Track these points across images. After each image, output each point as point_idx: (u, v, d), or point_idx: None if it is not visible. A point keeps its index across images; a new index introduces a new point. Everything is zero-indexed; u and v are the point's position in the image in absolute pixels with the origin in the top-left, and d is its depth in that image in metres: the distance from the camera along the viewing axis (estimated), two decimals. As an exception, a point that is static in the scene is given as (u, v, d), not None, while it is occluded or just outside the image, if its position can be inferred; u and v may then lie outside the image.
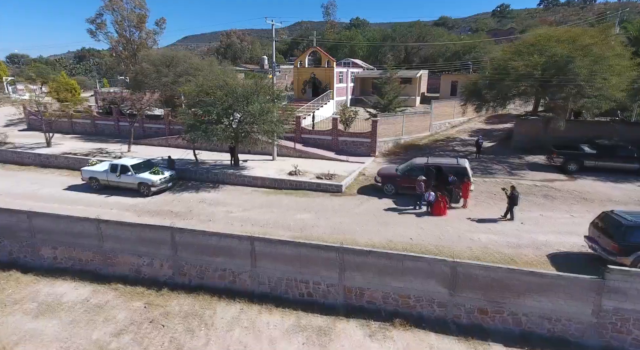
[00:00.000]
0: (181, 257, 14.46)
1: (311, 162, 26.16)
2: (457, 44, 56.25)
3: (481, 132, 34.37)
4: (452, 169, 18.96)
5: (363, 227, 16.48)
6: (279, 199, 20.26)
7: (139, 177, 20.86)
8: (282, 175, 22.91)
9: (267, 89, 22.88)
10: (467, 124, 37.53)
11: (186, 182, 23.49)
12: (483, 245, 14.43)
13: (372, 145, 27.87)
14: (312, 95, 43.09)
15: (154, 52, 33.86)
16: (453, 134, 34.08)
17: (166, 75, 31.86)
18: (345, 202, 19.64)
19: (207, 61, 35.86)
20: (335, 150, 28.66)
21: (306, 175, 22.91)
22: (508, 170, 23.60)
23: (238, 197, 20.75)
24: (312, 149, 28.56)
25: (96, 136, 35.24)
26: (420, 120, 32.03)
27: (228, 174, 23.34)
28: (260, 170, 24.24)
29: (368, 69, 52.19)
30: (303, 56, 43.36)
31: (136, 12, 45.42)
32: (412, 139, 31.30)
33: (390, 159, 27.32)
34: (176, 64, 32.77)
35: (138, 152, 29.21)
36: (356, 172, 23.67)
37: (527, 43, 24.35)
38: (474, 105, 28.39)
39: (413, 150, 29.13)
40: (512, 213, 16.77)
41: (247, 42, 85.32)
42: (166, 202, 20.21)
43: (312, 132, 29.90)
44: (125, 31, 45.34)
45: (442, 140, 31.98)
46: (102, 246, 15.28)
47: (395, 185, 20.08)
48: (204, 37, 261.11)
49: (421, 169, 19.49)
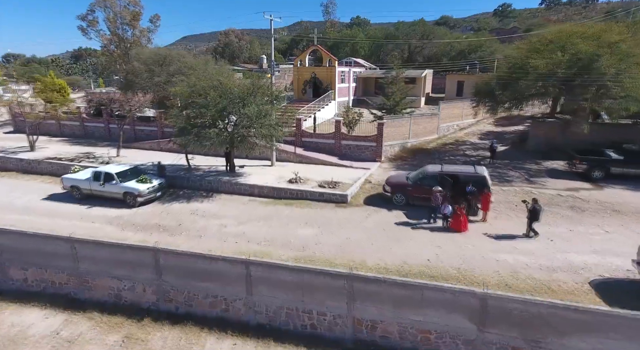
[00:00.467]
0: (166, 281, 12.69)
1: (313, 168, 24.36)
2: (462, 43, 54.50)
3: (492, 135, 32.58)
4: (470, 178, 17.16)
5: (373, 245, 14.68)
6: (278, 211, 18.47)
7: (124, 186, 19.04)
8: (281, 184, 21.12)
9: (265, 89, 21.09)
10: (475, 126, 35.76)
11: (177, 190, 21.69)
12: (511, 269, 12.63)
13: (378, 149, 26.08)
14: (312, 95, 41.32)
15: (146, 51, 32.05)
16: (462, 136, 32.29)
17: (158, 74, 30.06)
18: (351, 214, 17.85)
19: (201, 60, 34.05)
20: (338, 155, 26.86)
21: (308, 184, 21.12)
22: (526, 177, 21.82)
23: (233, 208, 18.95)
24: (313, 153, 26.75)
25: (85, 139, 33.39)
26: (427, 122, 30.25)
27: (223, 182, 21.53)
28: (257, 177, 22.44)
29: (371, 68, 50.42)
30: (303, 55, 41.58)
31: (129, 9, 43.58)
32: (419, 143, 29.50)
33: (397, 164, 25.54)
34: (169, 63, 30.96)
35: (128, 157, 27.39)
36: (362, 180, 21.88)
37: (545, 40, 22.57)
38: (486, 106, 26.61)
39: (421, 154, 27.35)
40: (534, 229, 14.98)
41: (245, 41, 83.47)
42: (154, 213, 18.39)
43: (314, 135, 28.10)
44: (118, 29, 43.50)
45: (451, 143, 30.20)
46: (77, 268, 13.50)
47: (406, 195, 18.28)
48: (203, 37, 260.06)
49: (435, 177, 17.70)
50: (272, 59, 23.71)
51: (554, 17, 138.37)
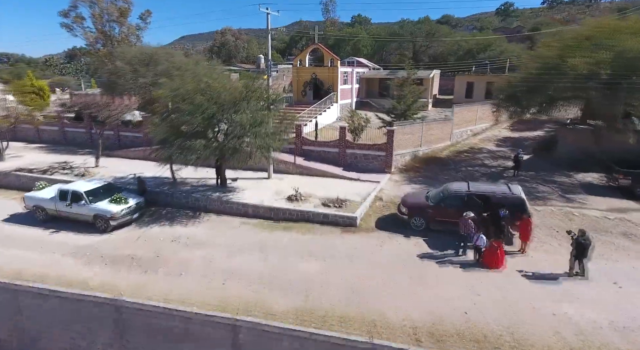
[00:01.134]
0: (133, 343, 9.90)
1: (315, 182, 21.59)
2: (469, 42, 51.77)
3: (509, 141, 29.87)
4: (504, 200, 14.38)
5: (392, 288, 11.89)
6: (275, 237, 15.66)
7: (94, 208, 16.20)
8: (279, 201, 18.31)
9: (260, 92, 18.27)
10: (490, 130, 33.03)
11: (160, 209, 18.86)
12: (576, 328, 9.84)
13: (388, 159, 23.30)
14: (313, 98, 38.53)
15: (131, 50, 29.18)
16: (477, 143, 29.53)
17: (144, 75, 27.18)
18: (361, 242, 15.05)
19: (192, 59, 31.20)
20: (342, 166, 24.07)
21: (309, 201, 18.32)
22: (560, 193, 19.07)
23: (223, 233, 16.13)
24: (315, 164, 23.95)
25: (65, 146, 30.49)
26: (440, 128, 27.48)
27: (212, 199, 18.71)
28: (252, 192, 19.63)
29: (374, 68, 47.66)
30: (303, 54, 38.76)
31: (117, 4, 40.58)
32: (432, 151, 26.73)
33: (410, 176, 22.76)
34: (156, 63, 28.08)
35: (108, 167, 24.56)
36: (371, 196, 19.08)
37: (580, 36, 19.81)
38: (509, 111, 23.83)
39: (434, 164, 24.57)
40: (582, 267, 12.20)
41: (242, 40, 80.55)
42: (128, 240, 15.56)
43: (315, 143, 25.29)
44: (105, 26, 40.51)
45: (466, 151, 27.43)
46: (20, 322, 10.68)
47: (426, 218, 15.49)
48: (202, 37, 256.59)
49: (461, 198, 14.91)
50: (269, 59, 20.89)
51: (558, 16, 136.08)
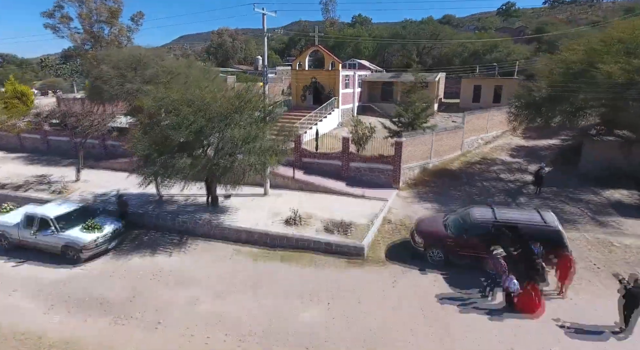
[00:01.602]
0: None
1: (315, 199, 19.58)
2: (475, 44, 49.79)
3: (523, 151, 27.88)
4: (537, 232, 12.37)
5: (410, 342, 9.89)
6: (271, 271, 13.63)
7: (64, 237, 14.15)
8: (276, 225, 16.29)
9: (255, 102, 16.24)
10: (501, 138, 31.05)
11: (142, 233, 16.82)
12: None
13: (396, 173, 21.29)
14: (313, 102, 36.48)
15: (118, 52, 27.11)
16: (489, 153, 27.55)
17: (131, 80, 25.11)
18: (371, 278, 13.04)
19: (185, 62, 29.11)
20: (346, 180, 22.06)
21: (310, 225, 16.30)
22: (590, 215, 17.07)
23: (211, 266, 14.10)
24: (316, 178, 21.94)
25: (47, 156, 28.40)
26: (450, 138, 25.49)
27: (201, 223, 16.66)
28: (246, 213, 17.60)
29: (377, 71, 45.65)
30: (302, 57, 36.72)
31: (108, 5, 38.58)
32: (442, 162, 24.74)
33: (420, 192, 20.77)
34: (144, 66, 25.99)
35: (90, 182, 22.54)
36: (379, 218, 17.06)
37: (611, 39, 17.82)
38: (527, 119, 21.84)
39: (446, 178, 22.58)
40: (632, 319, 10.20)
41: (239, 41, 78.46)
42: (102, 276, 13.51)
43: (316, 155, 23.27)
44: (93, 26, 38.51)
45: (478, 162, 25.43)
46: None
47: (445, 251, 13.47)
48: (200, 37, 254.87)
49: (486, 228, 12.90)
50: (264, 64, 18.85)
51: (561, 16, 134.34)
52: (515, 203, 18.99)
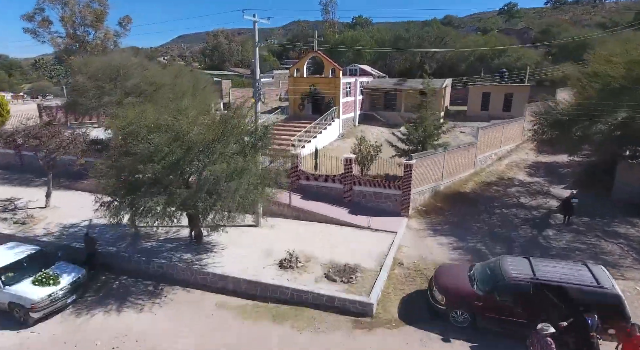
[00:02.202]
0: None
1: (315, 232, 17.21)
2: (486, 44, 47.44)
3: (542, 168, 25.52)
4: (589, 297, 9.99)
5: None
6: (261, 335, 11.20)
7: (9, 293, 11.71)
8: (268, 270, 13.88)
9: (244, 126, 13.82)
10: (515, 153, 28.69)
11: (111, 278, 14.40)
12: None
13: (405, 199, 18.91)
14: (312, 112, 34.12)
15: (96, 62, 24.61)
16: (504, 171, 25.20)
17: (109, 92, 22.69)
18: (382, 346, 10.65)
19: (172, 70, 26.68)
20: (348, 205, 19.69)
21: (308, 270, 13.91)
22: (634, 256, 14.70)
23: (189, 326, 11.68)
24: (315, 204, 19.54)
25: (20, 174, 25.91)
26: (463, 155, 23.11)
27: (180, 268, 14.23)
28: (234, 252, 15.21)
29: (379, 76, 43.23)
30: (301, 63, 34.26)
31: (93, 7, 36.12)
32: (454, 183, 22.39)
33: (432, 222, 18.40)
34: (125, 76, 23.55)
35: (61, 208, 20.16)
36: (389, 260, 14.65)
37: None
38: (551, 140, 19.52)
39: (460, 203, 20.23)
40: None
41: (236, 43, 75.91)
42: (53, 344, 11.08)
43: (315, 177, 20.86)
44: (77, 30, 36.03)
45: (494, 183, 23.08)
46: None
47: (472, 312, 11.07)
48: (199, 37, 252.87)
49: (525, 290, 10.49)
50: (256, 78, 16.38)
51: (564, 17, 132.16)
52: (542, 236, 16.63)
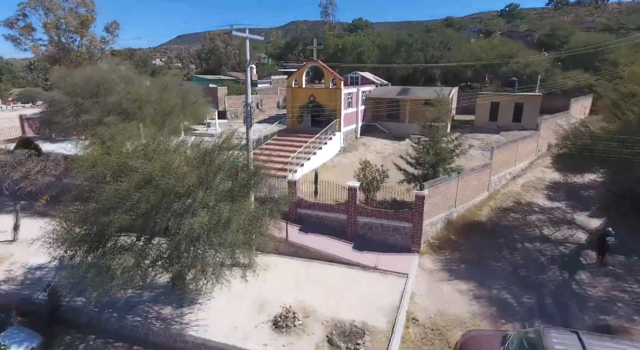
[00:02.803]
0: None
1: (315, 274, 15.14)
2: (488, 53, 45.40)
3: (561, 190, 23.42)
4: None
5: None
6: None
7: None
8: (261, 331, 11.79)
9: (231, 164, 11.74)
10: (530, 171, 26.63)
11: (78, 337, 12.32)
12: None
13: (415, 233, 16.85)
14: (311, 124, 32.11)
15: (74, 75, 22.49)
16: (521, 193, 23.13)
17: (88, 110, 20.60)
18: None
19: (160, 83, 24.49)
20: (353, 239, 17.62)
21: (307, 330, 11.85)
22: (687, 311, 12.70)
23: None
24: (315, 238, 17.48)
25: (-6, 196, 23.86)
26: (477, 178, 21.05)
27: (157, 329, 12.14)
28: (221, 305, 13.11)
29: (382, 84, 41.15)
30: (299, 73, 32.17)
31: (78, 12, 33.99)
32: (468, 210, 20.33)
33: (447, 259, 16.34)
34: (107, 92, 21.46)
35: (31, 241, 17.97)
36: (401, 316, 12.57)
37: None
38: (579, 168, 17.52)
39: (476, 235, 18.17)
40: None
41: (233, 46, 73.72)
42: None
43: (316, 206, 18.78)
44: (62, 37, 33.89)
45: (511, 208, 21.01)
46: None
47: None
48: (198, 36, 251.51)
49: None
50: (248, 102, 14.28)
51: (567, 18, 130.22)
52: (575, 280, 14.59)
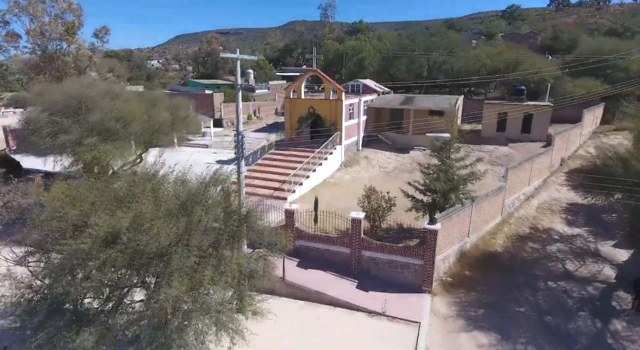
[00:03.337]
0: None
1: (314, 322, 13.44)
2: (495, 60, 43.73)
3: (581, 212, 21.74)
4: None
5: None
6: None
7: None
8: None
9: (216, 215, 9.97)
10: (544, 190, 24.90)
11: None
12: None
13: (427, 270, 15.15)
14: (311, 136, 30.41)
15: (56, 90, 20.67)
16: (537, 216, 21.45)
17: (67, 130, 18.82)
18: None
19: (146, 100, 22.62)
20: (357, 276, 15.93)
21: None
22: None
23: None
24: (315, 275, 15.78)
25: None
26: (491, 204, 19.33)
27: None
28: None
29: (384, 92, 39.40)
30: (298, 83, 30.41)
31: (64, 18, 32.15)
32: (482, 239, 18.65)
33: (463, 302, 14.65)
34: (88, 109, 19.66)
35: None
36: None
37: None
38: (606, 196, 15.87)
39: (493, 271, 16.48)
40: None
41: (230, 50, 71.83)
42: None
43: (316, 238, 17.05)
44: (49, 45, 32.08)
45: (528, 236, 19.32)
46: None
47: None
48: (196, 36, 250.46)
49: None
50: (239, 131, 12.50)
51: (569, 20, 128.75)
52: (609, 331, 12.92)
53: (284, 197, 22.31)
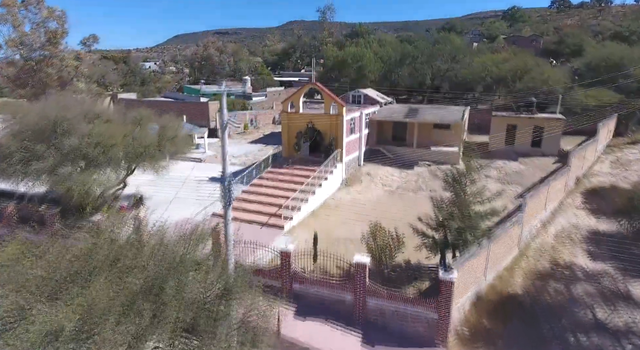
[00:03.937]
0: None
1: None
2: (501, 68, 41.96)
3: (603, 242, 19.94)
4: None
5: None
6: None
7: None
8: None
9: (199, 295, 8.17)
10: (561, 215, 23.06)
11: None
12: None
13: (442, 325, 13.36)
14: (310, 152, 28.65)
15: (30, 111, 18.83)
16: (555, 247, 19.66)
17: (41, 157, 17.00)
18: None
19: (133, 119, 20.81)
20: (361, 327, 14.13)
21: None
22: None
23: None
24: (314, 326, 13.97)
25: None
26: (507, 238, 17.54)
27: None
28: None
29: (386, 103, 37.59)
30: (296, 96, 28.55)
31: (47, 27, 30.30)
32: (499, 278, 16.87)
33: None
34: (65, 132, 17.83)
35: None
36: None
37: None
38: None
39: (514, 318, 14.71)
40: None
41: (227, 54, 69.99)
42: None
43: (315, 282, 15.23)
44: (32, 55, 30.22)
45: (549, 274, 17.51)
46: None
47: None
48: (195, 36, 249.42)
49: None
50: (225, 174, 10.72)
51: (570, 22, 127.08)
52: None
53: (281, 226, 20.52)
